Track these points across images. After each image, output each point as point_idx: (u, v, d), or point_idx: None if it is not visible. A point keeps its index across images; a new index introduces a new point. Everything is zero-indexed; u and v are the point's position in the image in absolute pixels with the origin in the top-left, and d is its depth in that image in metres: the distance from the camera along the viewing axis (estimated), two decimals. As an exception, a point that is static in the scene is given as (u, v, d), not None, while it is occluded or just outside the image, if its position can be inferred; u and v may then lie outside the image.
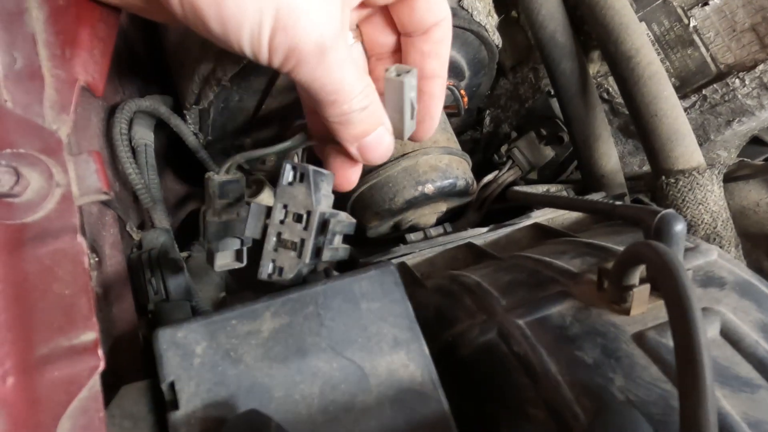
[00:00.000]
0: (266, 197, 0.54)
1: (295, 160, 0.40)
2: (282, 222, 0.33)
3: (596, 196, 0.57)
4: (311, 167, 0.33)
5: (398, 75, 0.33)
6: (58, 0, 0.30)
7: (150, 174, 0.48)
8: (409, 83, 0.33)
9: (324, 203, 0.34)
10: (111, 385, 0.28)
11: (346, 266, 0.51)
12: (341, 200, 0.59)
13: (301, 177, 0.33)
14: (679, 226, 0.32)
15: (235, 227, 0.35)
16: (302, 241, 0.33)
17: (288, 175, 0.33)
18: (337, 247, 0.35)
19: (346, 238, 0.37)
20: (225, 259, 0.37)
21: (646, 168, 0.70)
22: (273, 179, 0.56)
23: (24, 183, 0.26)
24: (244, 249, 0.37)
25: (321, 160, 0.39)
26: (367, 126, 0.33)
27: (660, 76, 0.54)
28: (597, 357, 0.30)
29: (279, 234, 0.33)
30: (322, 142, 0.37)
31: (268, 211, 0.33)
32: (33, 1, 0.30)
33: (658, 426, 0.27)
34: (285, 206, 0.33)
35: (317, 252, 0.34)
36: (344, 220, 0.35)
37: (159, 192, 0.48)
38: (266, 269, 0.33)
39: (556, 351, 0.31)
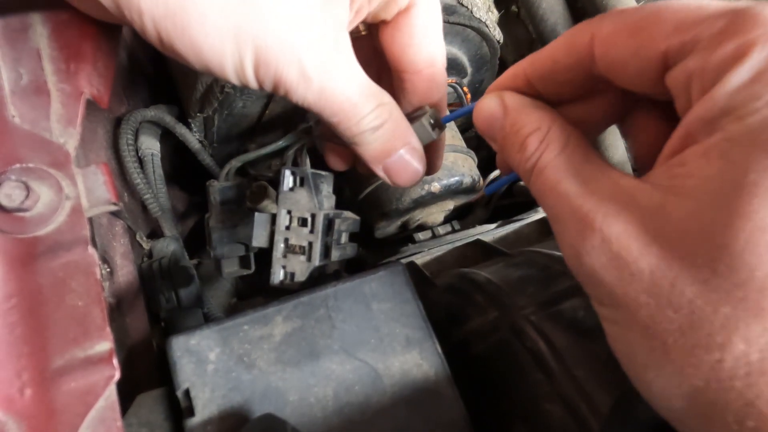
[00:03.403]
0: (269, 203, 0.54)
1: (301, 164, 0.40)
2: (288, 228, 0.33)
3: (604, 188, 0.56)
4: (309, 170, 0.33)
5: (433, 123, 0.33)
6: (61, 15, 0.30)
7: (158, 183, 0.48)
8: (437, 135, 0.33)
9: (326, 204, 0.34)
10: (127, 394, 0.29)
11: (355, 268, 0.51)
12: (348, 202, 0.59)
13: (301, 181, 0.33)
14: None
15: (238, 232, 0.35)
16: (310, 244, 0.33)
17: (288, 180, 0.33)
18: (344, 246, 0.35)
19: (353, 236, 0.37)
20: (232, 267, 0.37)
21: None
22: (277, 184, 0.56)
23: (34, 197, 0.26)
24: (251, 255, 0.37)
25: (323, 155, 0.39)
26: (385, 147, 0.31)
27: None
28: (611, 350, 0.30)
29: (286, 240, 0.33)
30: (324, 139, 0.37)
31: (273, 218, 0.33)
32: (37, 17, 0.30)
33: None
34: (289, 212, 0.33)
35: (326, 253, 0.34)
36: (349, 218, 0.35)
37: (167, 201, 0.49)
38: (278, 276, 0.33)
39: (570, 345, 0.31)
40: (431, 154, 0.36)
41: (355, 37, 0.31)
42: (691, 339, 0.18)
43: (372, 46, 0.35)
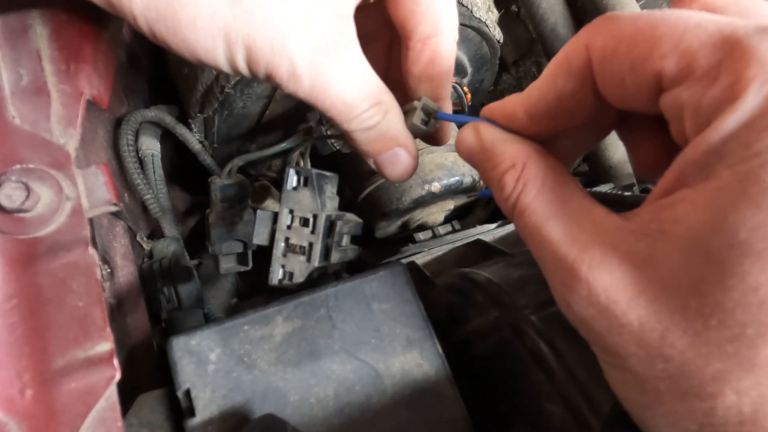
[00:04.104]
0: (271, 203, 0.54)
1: (302, 164, 0.40)
2: (289, 227, 0.33)
3: (604, 188, 0.56)
4: (314, 171, 0.33)
5: (425, 117, 0.32)
6: (61, 15, 0.30)
7: (158, 184, 0.48)
8: (433, 128, 0.32)
9: (329, 205, 0.34)
10: (127, 394, 0.29)
11: (355, 268, 0.51)
12: (348, 202, 0.59)
13: (305, 181, 0.33)
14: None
15: (238, 230, 0.35)
16: (310, 244, 0.33)
17: (292, 180, 0.33)
18: (345, 248, 0.35)
19: (355, 239, 0.37)
20: (230, 263, 0.37)
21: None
22: (278, 184, 0.56)
23: (34, 198, 0.27)
24: (249, 252, 0.37)
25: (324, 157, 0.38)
26: (376, 146, 0.31)
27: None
28: (612, 350, 0.30)
29: (287, 239, 0.33)
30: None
31: (275, 217, 0.33)
32: (37, 18, 0.30)
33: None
34: (291, 211, 0.33)
35: (326, 254, 0.34)
36: (351, 220, 0.35)
37: (167, 201, 0.49)
38: (276, 275, 0.33)
39: (571, 345, 0.31)
40: (438, 130, 0.35)
41: (365, 4, 0.30)
42: (682, 386, 0.19)
43: (383, 13, 0.34)
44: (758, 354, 0.17)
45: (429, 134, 0.33)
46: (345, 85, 0.29)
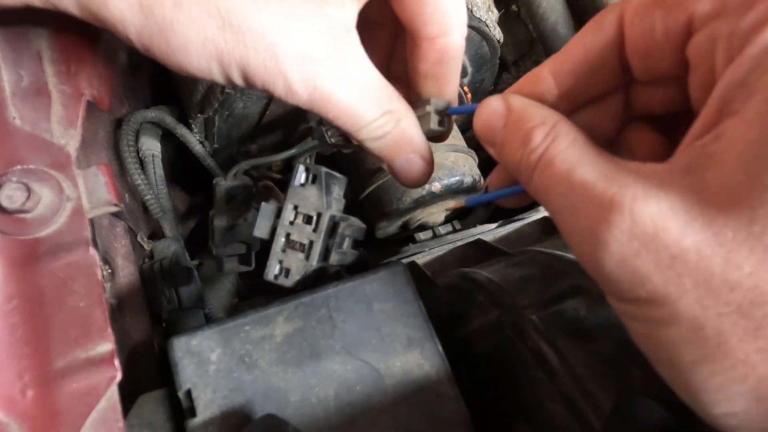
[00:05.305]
0: (274, 203, 0.54)
1: (308, 161, 0.40)
2: (292, 223, 0.33)
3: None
4: (324, 169, 0.33)
5: (439, 118, 0.32)
6: (61, 17, 0.30)
7: (159, 184, 0.48)
8: (447, 125, 0.32)
9: (335, 206, 0.34)
10: (128, 394, 0.29)
11: (356, 268, 0.51)
12: (349, 202, 0.59)
13: (314, 179, 0.33)
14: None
15: (241, 231, 0.35)
16: (311, 243, 0.33)
17: (301, 176, 0.33)
18: (345, 251, 0.35)
19: (356, 243, 0.37)
20: (233, 263, 0.37)
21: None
22: (280, 185, 0.56)
23: (35, 198, 0.27)
24: (252, 253, 0.37)
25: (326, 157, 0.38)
26: (389, 153, 0.31)
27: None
28: (613, 349, 0.30)
29: (288, 234, 0.33)
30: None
31: (279, 211, 0.33)
32: (37, 19, 0.30)
33: (678, 416, 0.26)
34: (295, 207, 0.33)
35: (325, 255, 0.34)
36: (355, 224, 0.35)
37: (168, 202, 0.49)
38: (273, 270, 0.33)
39: (572, 345, 0.31)
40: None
41: None
42: (754, 318, 0.16)
43: (389, 2, 0.33)
44: None
45: (444, 133, 0.33)
46: (348, 95, 0.28)
